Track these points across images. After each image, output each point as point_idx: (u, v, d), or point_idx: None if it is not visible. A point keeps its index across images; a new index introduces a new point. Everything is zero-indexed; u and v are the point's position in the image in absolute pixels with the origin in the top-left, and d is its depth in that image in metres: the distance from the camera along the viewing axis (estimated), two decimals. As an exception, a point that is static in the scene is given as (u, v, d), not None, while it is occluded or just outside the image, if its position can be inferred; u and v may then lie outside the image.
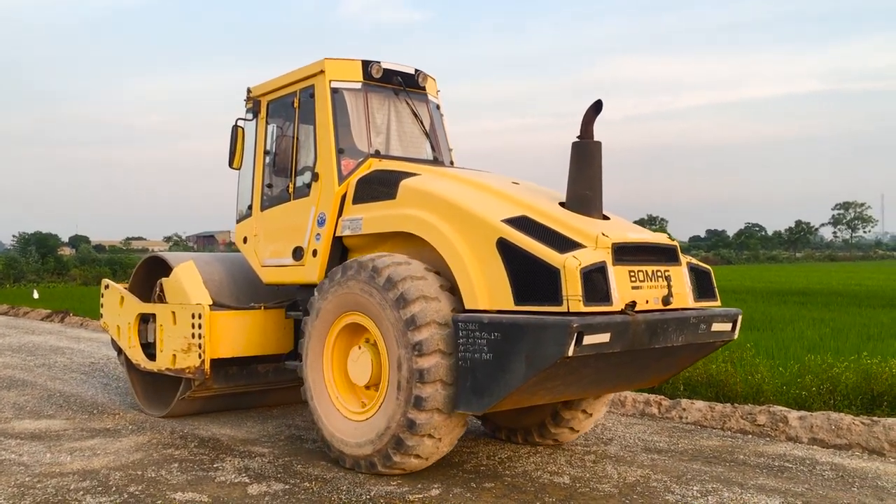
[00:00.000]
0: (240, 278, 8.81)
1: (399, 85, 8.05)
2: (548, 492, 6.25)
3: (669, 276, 6.22)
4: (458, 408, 6.05)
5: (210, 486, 6.40)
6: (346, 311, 6.72)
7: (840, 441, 7.67)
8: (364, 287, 6.45)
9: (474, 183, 6.95)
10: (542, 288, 5.72)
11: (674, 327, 6.05)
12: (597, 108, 6.43)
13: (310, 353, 7.03)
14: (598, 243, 5.89)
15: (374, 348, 6.61)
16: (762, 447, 7.70)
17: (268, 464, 7.09)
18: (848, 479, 6.59)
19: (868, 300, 23.66)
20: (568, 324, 5.36)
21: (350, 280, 6.60)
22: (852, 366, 9.31)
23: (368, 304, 6.44)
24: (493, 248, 6.05)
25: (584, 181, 6.40)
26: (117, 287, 9.56)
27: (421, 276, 6.30)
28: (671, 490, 6.28)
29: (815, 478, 6.64)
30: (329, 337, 6.92)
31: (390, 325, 6.23)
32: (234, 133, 8.31)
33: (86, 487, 6.38)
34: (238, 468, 6.95)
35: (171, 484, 6.47)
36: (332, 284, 6.79)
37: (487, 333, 5.83)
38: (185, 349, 8.14)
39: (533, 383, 5.69)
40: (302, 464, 7.09)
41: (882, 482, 6.51)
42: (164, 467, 6.98)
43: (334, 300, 6.76)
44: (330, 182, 7.47)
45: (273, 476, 6.71)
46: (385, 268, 6.35)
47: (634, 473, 6.76)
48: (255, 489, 6.33)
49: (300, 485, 6.44)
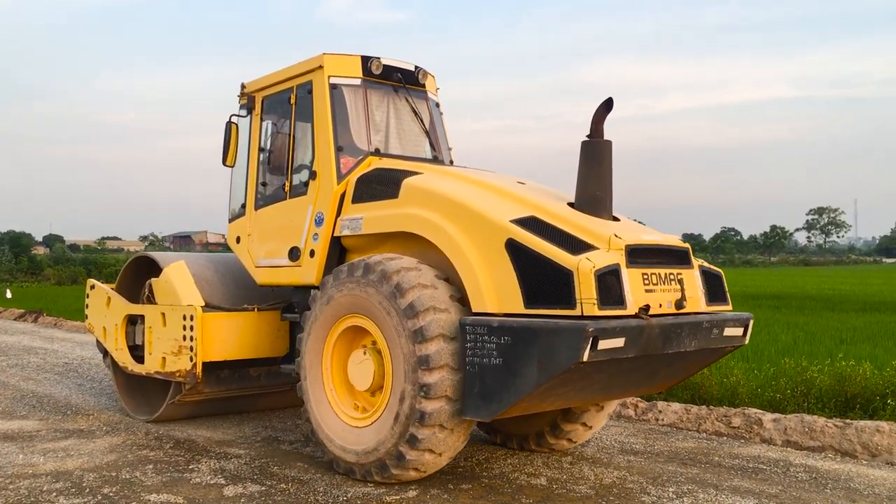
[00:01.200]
0: (231, 279, 8.58)
1: (399, 82, 7.85)
2: (525, 493, 6.23)
3: (682, 280, 6.07)
4: (465, 414, 5.86)
5: (185, 488, 6.33)
6: (349, 314, 6.50)
7: (813, 443, 7.72)
8: (370, 291, 6.23)
9: (479, 182, 6.77)
10: (553, 291, 5.55)
11: (687, 332, 5.90)
12: (607, 106, 6.26)
13: (308, 355, 6.80)
14: (610, 245, 5.72)
15: (376, 353, 6.40)
16: (737, 449, 7.75)
17: (244, 465, 7.03)
18: (821, 481, 6.64)
19: (841, 304, 23.90)
20: (583, 328, 5.19)
21: (355, 282, 6.37)
22: (826, 369, 9.43)
23: (374, 308, 6.22)
24: (501, 249, 5.87)
25: (594, 181, 6.24)
26: (103, 287, 9.27)
27: (431, 285, 6.08)
28: (647, 491, 6.29)
29: (788, 479, 6.68)
30: (329, 339, 6.70)
31: (396, 333, 6.02)
32: (227, 129, 8.08)
33: (59, 489, 6.28)
34: (214, 469, 6.87)
35: (145, 485, 6.39)
36: (334, 286, 6.57)
37: (497, 337, 5.64)
38: (175, 352, 7.89)
39: (544, 389, 5.52)
40: (278, 465, 7.04)
41: (854, 484, 6.57)
42: (139, 468, 6.89)
43: (336, 302, 6.54)
44: (328, 180, 7.25)
45: (249, 477, 6.64)
46: (394, 273, 6.12)
47: (611, 475, 6.78)
48: (230, 491, 6.26)
49: (276, 486, 6.39)
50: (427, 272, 6.22)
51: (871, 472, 6.94)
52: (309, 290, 7.47)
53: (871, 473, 6.92)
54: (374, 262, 6.32)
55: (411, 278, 6.07)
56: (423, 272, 6.19)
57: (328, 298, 6.61)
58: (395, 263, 6.24)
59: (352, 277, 6.42)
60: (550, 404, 6.09)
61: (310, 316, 6.81)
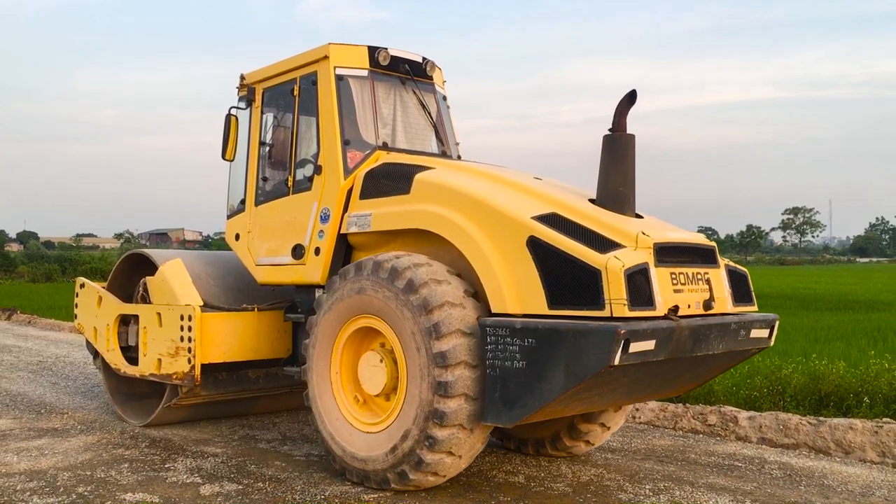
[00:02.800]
0: (229, 278, 8.27)
1: (406, 73, 7.58)
2: (503, 491, 6.19)
3: (710, 279, 5.85)
4: (485, 420, 5.60)
5: (161, 487, 6.26)
6: (359, 314, 6.22)
7: (788, 441, 7.79)
8: (381, 289, 5.96)
9: (495, 177, 6.51)
10: (580, 291, 5.30)
11: (715, 334, 5.68)
12: (631, 99, 6.03)
13: (315, 358, 6.51)
14: (638, 243, 5.48)
15: (389, 354, 6.13)
16: (713, 446, 7.79)
17: (221, 464, 6.95)
18: (795, 478, 6.70)
19: (815, 303, 24.13)
20: (614, 330, 4.95)
21: (365, 281, 6.09)
22: (800, 367, 9.50)
23: (385, 307, 5.95)
24: (522, 247, 5.61)
25: (618, 176, 6.00)
26: (94, 286, 8.91)
27: (444, 280, 5.83)
28: (624, 489, 6.30)
29: (763, 476, 6.74)
30: (337, 342, 6.41)
31: (410, 332, 5.75)
32: (227, 122, 7.77)
33: (33, 488, 6.18)
34: (190, 468, 6.79)
35: (121, 484, 6.31)
36: (343, 285, 6.28)
37: (520, 340, 5.39)
38: (172, 353, 7.57)
39: (570, 394, 5.27)
40: (256, 464, 6.96)
41: (828, 480, 6.64)
42: (114, 467, 6.80)
43: (345, 303, 6.25)
44: (334, 175, 6.97)
45: (226, 476, 6.57)
46: (406, 269, 5.85)
47: (588, 472, 6.78)
48: (207, 489, 6.19)
49: (254, 485, 6.32)
50: (439, 267, 5.97)
51: (844, 469, 7.00)
52: (313, 289, 7.20)
53: (844, 470, 6.98)
54: (383, 260, 6.05)
55: (423, 274, 5.81)
56: (434, 268, 5.94)
57: (336, 299, 6.33)
58: (406, 260, 5.98)
59: (361, 276, 6.14)
60: (573, 409, 5.85)
61: (317, 317, 6.52)
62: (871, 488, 6.43)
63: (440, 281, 5.79)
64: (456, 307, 5.68)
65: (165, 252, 8.67)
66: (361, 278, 6.12)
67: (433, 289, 5.70)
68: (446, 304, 5.66)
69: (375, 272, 6.02)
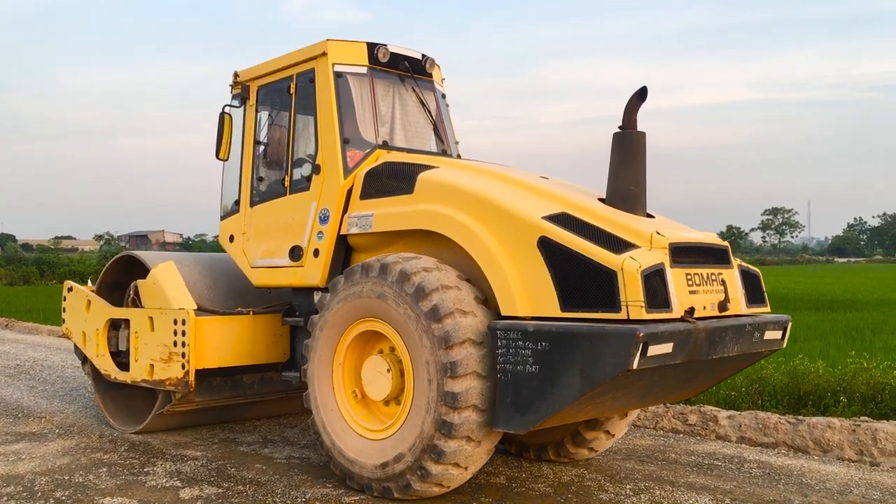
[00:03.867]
0: (222, 280, 8.05)
1: (405, 71, 7.39)
2: (484, 492, 6.18)
3: (724, 280, 5.71)
4: (496, 426, 5.43)
5: (140, 491, 6.20)
6: (363, 318, 6.02)
7: (767, 439, 7.83)
8: (388, 293, 5.75)
9: (501, 176, 6.34)
10: (594, 292, 5.13)
11: (731, 336, 5.54)
12: (641, 96, 5.87)
13: (316, 362, 6.31)
14: (653, 243, 5.33)
15: (394, 359, 5.94)
16: (693, 446, 7.82)
17: (200, 467, 6.89)
18: (774, 477, 6.73)
19: (794, 303, 24.12)
20: (633, 333, 4.79)
21: (371, 284, 5.89)
22: (780, 367, 9.52)
23: (392, 312, 5.75)
24: (533, 247, 5.44)
25: (629, 175, 5.84)
26: (83, 289, 8.65)
27: (455, 286, 5.63)
28: (605, 489, 6.31)
29: (742, 475, 6.76)
30: (340, 346, 6.22)
31: (418, 338, 5.55)
32: (220, 121, 7.54)
33: (10, 493, 6.12)
34: (170, 472, 6.75)
35: (99, 489, 6.25)
36: (347, 288, 6.08)
37: (533, 343, 5.22)
38: (165, 359, 7.34)
39: (586, 399, 5.11)
40: (236, 467, 6.90)
41: (806, 479, 6.67)
42: (93, 472, 6.73)
43: (349, 305, 6.06)
44: (334, 175, 6.77)
45: (206, 480, 6.51)
46: (415, 273, 5.65)
47: (569, 473, 6.77)
48: (186, 493, 6.14)
49: (234, 488, 6.26)
50: (449, 272, 5.78)
51: (823, 468, 7.04)
52: (311, 291, 7.00)
53: (822, 469, 7.01)
54: (391, 262, 5.84)
55: (433, 279, 5.61)
56: (444, 272, 5.75)
57: (340, 301, 6.13)
58: (415, 263, 5.78)
59: (367, 278, 5.94)
60: (585, 414, 5.69)
61: (318, 320, 6.32)
62: (849, 486, 6.47)
63: (451, 287, 5.60)
64: (467, 315, 5.49)
65: (157, 254, 8.43)
66: (368, 280, 5.92)
67: (444, 295, 5.51)
68: (457, 311, 5.46)
69: (383, 275, 5.82)
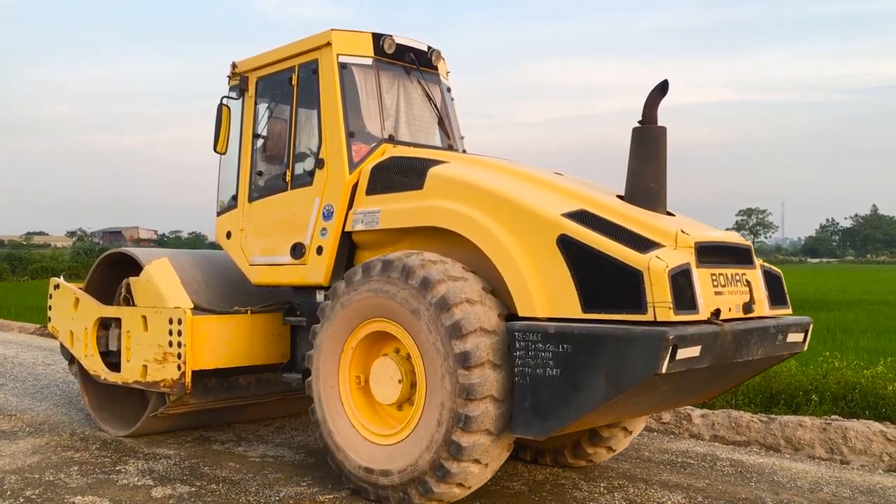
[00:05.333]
0: (217, 278, 7.78)
1: (411, 63, 7.16)
2: None
3: (749, 281, 5.53)
4: (514, 431, 5.22)
5: (112, 490, 6.15)
6: (370, 319, 5.78)
7: (739, 438, 7.92)
8: (394, 290, 5.54)
9: (515, 172, 6.14)
10: (618, 293, 4.93)
11: (756, 338, 5.37)
12: (662, 90, 5.68)
13: (322, 365, 6.07)
14: (678, 242, 5.14)
15: (404, 360, 5.72)
16: (666, 444, 7.88)
17: (173, 466, 6.85)
18: (746, 475, 6.82)
19: None
20: (662, 335, 4.60)
21: (376, 282, 5.66)
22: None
23: (400, 309, 5.53)
24: (552, 246, 5.23)
25: (650, 171, 5.64)
26: (71, 287, 8.33)
27: (461, 277, 5.44)
28: (579, 487, 6.33)
29: (715, 473, 6.84)
30: (346, 348, 5.98)
31: (428, 332, 5.34)
32: (219, 113, 7.28)
33: None
34: (142, 470, 6.69)
35: (70, 487, 6.18)
36: (351, 287, 5.84)
37: (554, 345, 5.01)
38: (159, 359, 7.06)
39: (610, 404, 4.91)
40: (209, 465, 6.86)
41: (777, 477, 6.76)
42: (63, 470, 6.66)
43: (355, 306, 5.82)
44: (338, 170, 6.53)
45: (178, 478, 6.47)
46: (419, 267, 5.45)
47: (543, 471, 6.79)
48: (159, 492, 6.10)
49: (207, 487, 6.23)
50: (454, 264, 5.59)
51: (794, 466, 7.16)
52: (313, 290, 6.76)
53: (793, 467, 7.12)
54: (393, 259, 5.63)
55: (438, 271, 5.42)
56: (449, 264, 5.56)
57: (345, 301, 5.89)
58: (417, 258, 5.57)
59: (370, 277, 5.72)
60: (605, 419, 5.51)
61: (323, 321, 6.08)
62: (820, 484, 6.55)
63: (457, 278, 5.41)
64: (476, 304, 5.29)
65: (150, 251, 8.15)
66: (371, 279, 5.70)
67: (451, 285, 5.31)
68: (466, 301, 5.27)
69: (386, 272, 5.61)
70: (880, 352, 11.29)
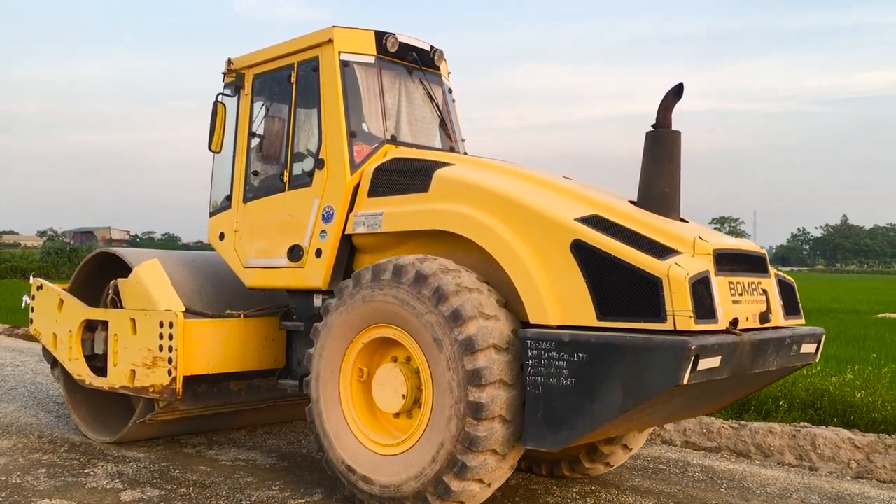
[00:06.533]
0: (207, 280, 7.54)
1: (414, 63, 6.99)
2: None
3: (766, 290, 5.40)
4: (525, 443, 5.05)
5: (80, 493, 6.07)
6: (375, 324, 5.59)
7: (710, 444, 7.98)
8: (404, 297, 5.34)
9: (523, 175, 5.97)
10: (636, 300, 4.79)
11: (772, 349, 5.24)
12: (677, 93, 5.56)
13: (321, 371, 5.87)
14: (696, 249, 5.00)
15: (408, 368, 5.53)
16: (638, 450, 7.75)
17: (143, 469, 6.77)
18: (717, 480, 6.87)
19: None
20: (684, 345, 4.45)
21: (385, 287, 5.46)
22: None
23: (408, 317, 5.33)
24: (566, 252, 5.08)
25: (664, 176, 5.51)
26: (54, 288, 8.05)
27: (476, 289, 5.25)
28: (551, 492, 6.34)
29: (686, 479, 6.88)
30: (348, 354, 5.77)
31: (437, 345, 5.15)
32: (214, 110, 7.07)
33: None
34: (111, 473, 6.60)
35: (37, 490, 6.09)
36: (357, 291, 5.64)
37: (568, 354, 4.85)
38: (148, 364, 6.82)
39: (627, 415, 4.76)
40: (179, 469, 6.79)
41: (747, 483, 6.82)
42: (31, 473, 6.56)
43: (360, 310, 5.62)
44: (339, 170, 6.34)
45: (148, 482, 6.40)
46: (432, 275, 5.25)
47: (516, 476, 6.72)
48: (128, 496, 6.02)
49: (177, 490, 6.18)
50: (469, 275, 5.39)
51: (764, 472, 7.20)
52: (310, 294, 6.56)
53: (763, 473, 7.17)
54: (407, 264, 5.42)
55: (453, 281, 5.21)
56: (464, 275, 5.36)
57: (349, 305, 5.69)
58: (432, 265, 5.36)
59: (379, 282, 5.51)
60: (617, 430, 5.36)
61: (324, 326, 5.87)
62: (789, 490, 6.63)
63: (472, 289, 5.21)
64: (490, 319, 5.12)
65: (139, 251, 7.89)
66: (381, 283, 5.49)
67: (465, 298, 5.11)
68: (480, 315, 5.08)
69: (398, 277, 5.40)
70: (848, 360, 11.41)
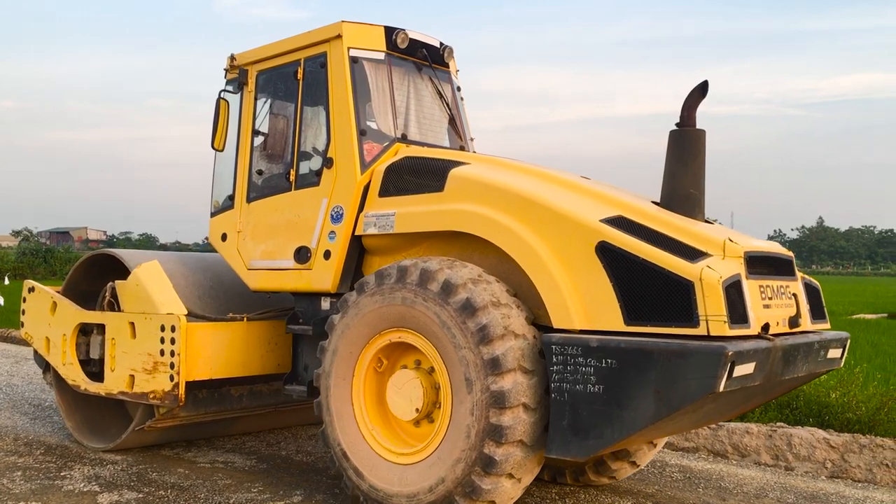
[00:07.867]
0: (208, 282, 7.32)
1: (423, 59, 6.80)
2: None
3: (795, 294, 5.27)
4: (550, 452, 4.87)
5: (56, 496, 6.01)
6: (392, 328, 5.41)
7: (688, 444, 8.03)
8: (429, 303, 5.13)
9: (542, 175, 5.80)
10: (666, 305, 4.63)
11: (802, 354, 5.10)
12: (703, 91, 5.41)
13: (332, 378, 5.67)
14: (726, 251, 4.85)
15: (424, 373, 5.35)
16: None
17: (121, 472, 6.69)
18: (694, 480, 6.91)
19: None
20: (721, 351, 4.30)
21: (406, 291, 5.25)
22: None
23: (431, 325, 5.13)
24: (591, 254, 4.91)
25: (688, 177, 5.35)
26: (47, 291, 7.78)
27: (506, 304, 5.07)
28: (531, 493, 6.31)
29: (664, 479, 6.92)
30: (362, 359, 5.58)
31: (461, 359, 4.97)
32: (217, 108, 6.85)
33: None
34: (88, 476, 6.53)
35: (13, 493, 6.03)
36: (374, 293, 5.45)
37: (596, 360, 4.69)
38: (149, 369, 6.59)
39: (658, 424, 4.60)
40: (157, 472, 6.72)
41: (725, 483, 6.87)
42: (6, 476, 6.48)
43: (377, 314, 5.42)
44: (349, 170, 6.14)
45: (126, 484, 6.34)
46: (461, 286, 5.04)
47: None
48: (105, 498, 5.96)
49: (155, 493, 6.12)
50: (498, 286, 5.19)
51: (741, 472, 7.28)
52: (318, 297, 6.37)
53: (740, 473, 7.24)
54: (434, 269, 5.18)
55: (483, 294, 5.01)
56: (493, 286, 5.15)
57: (365, 309, 5.49)
58: (462, 273, 5.14)
59: (403, 285, 5.28)
60: (647, 438, 5.21)
61: (335, 329, 5.67)
62: (765, 490, 6.70)
63: (501, 304, 5.03)
64: (519, 338, 4.95)
65: (137, 252, 7.64)
66: (402, 287, 5.28)
67: (494, 313, 4.92)
68: (510, 333, 4.92)
69: (423, 283, 5.17)
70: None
